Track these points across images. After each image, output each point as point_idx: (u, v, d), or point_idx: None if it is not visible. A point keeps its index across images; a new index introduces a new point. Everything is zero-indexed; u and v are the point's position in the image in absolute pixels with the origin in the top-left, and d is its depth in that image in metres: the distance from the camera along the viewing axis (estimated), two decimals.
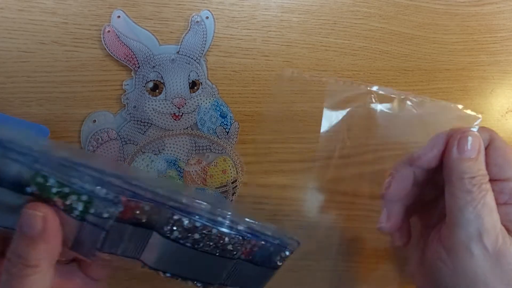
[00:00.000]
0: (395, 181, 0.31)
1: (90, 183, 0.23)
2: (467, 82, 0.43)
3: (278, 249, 0.29)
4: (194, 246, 0.26)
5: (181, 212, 0.25)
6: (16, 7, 0.39)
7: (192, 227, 0.25)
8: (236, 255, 0.27)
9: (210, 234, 0.26)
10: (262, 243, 0.28)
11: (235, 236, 0.26)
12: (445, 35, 0.44)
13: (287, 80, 0.40)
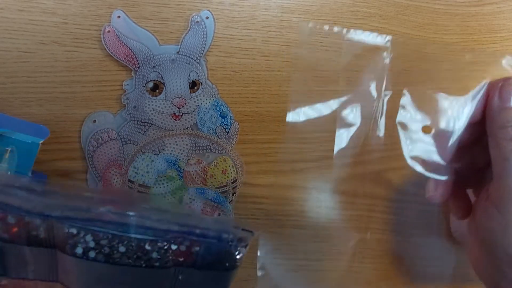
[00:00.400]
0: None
1: None
2: (467, 82, 0.43)
3: (223, 246, 0.24)
4: (109, 260, 0.22)
5: (79, 223, 0.22)
6: (16, 7, 0.39)
7: (96, 239, 0.22)
8: (169, 263, 0.23)
9: (122, 243, 0.22)
10: (198, 242, 0.24)
11: (156, 240, 0.22)
12: (445, 35, 0.44)
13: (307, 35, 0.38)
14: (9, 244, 0.22)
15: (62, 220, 0.22)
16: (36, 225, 0.22)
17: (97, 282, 0.23)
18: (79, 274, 0.23)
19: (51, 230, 0.22)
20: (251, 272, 0.39)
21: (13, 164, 0.35)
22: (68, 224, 0.22)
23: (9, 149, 0.35)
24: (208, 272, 0.25)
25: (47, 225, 0.22)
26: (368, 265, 0.40)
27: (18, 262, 0.22)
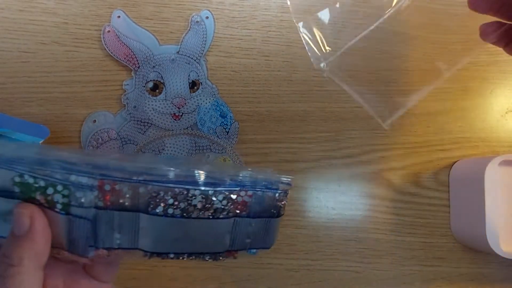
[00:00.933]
0: None
1: (62, 173, 0.22)
2: (467, 82, 0.43)
3: (271, 194, 0.27)
4: (183, 215, 0.24)
5: (158, 184, 0.24)
6: (17, 8, 0.39)
7: (174, 196, 0.24)
8: (231, 213, 0.26)
9: (194, 197, 0.24)
10: (251, 192, 0.26)
11: (221, 191, 0.25)
12: (445, 35, 0.44)
13: None
14: (102, 211, 0.23)
15: (148, 183, 0.24)
16: (124, 191, 0.24)
17: (173, 240, 0.25)
18: (158, 235, 0.25)
19: (136, 194, 0.24)
20: (251, 272, 0.39)
21: None
22: (152, 186, 0.24)
23: None
24: (259, 220, 0.27)
25: (133, 190, 0.24)
26: (368, 265, 0.40)
27: (106, 231, 0.24)
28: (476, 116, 0.43)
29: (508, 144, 0.43)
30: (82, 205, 0.23)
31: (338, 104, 0.42)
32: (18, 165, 0.22)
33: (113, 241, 0.24)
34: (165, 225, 0.25)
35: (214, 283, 0.38)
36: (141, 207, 0.24)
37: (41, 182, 0.22)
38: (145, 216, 0.24)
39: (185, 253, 0.26)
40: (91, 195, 0.23)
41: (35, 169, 0.22)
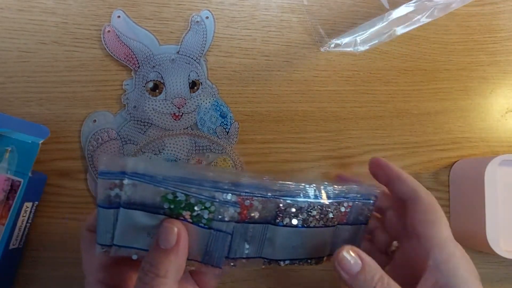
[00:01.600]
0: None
1: (209, 191, 0.25)
2: (467, 82, 0.43)
3: (364, 204, 0.31)
4: (303, 225, 0.28)
5: (287, 198, 0.27)
6: (16, 7, 0.39)
7: (298, 208, 0.27)
8: (335, 222, 0.29)
9: (314, 209, 0.28)
10: (351, 203, 0.29)
11: (332, 203, 0.28)
12: (445, 35, 0.44)
13: None
14: (239, 225, 0.26)
15: (278, 198, 0.27)
16: (258, 206, 0.26)
17: (291, 248, 0.28)
18: (280, 244, 0.27)
19: (266, 208, 0.27)
20: (251, 272, 0.39)
21: (13, 164, 0.35)
22: (281, 200, 0.27)
23: (9, 149, 0.35)
24: (354, 226, 0.30)
25: (264, 204, 0.26)
26: None
27: (239, 243, 0.27)
28: (476, 116, 0.43)
29: (508, 144, 0.43)
30: (224, 220, 0.25)
31: (338, 104, 0.42)
32: (167, 184, 0.24)
33: (243, 251, 0.27)
34: (288, 235, 0.27)
35: None
36: (270, 219, 0.27)
37: (191, 199, 0.24)
38: (272, 227, 0.27)
39: (297, 259, 0.29)
40: (233, 211, 0.25)
41: (183, 187, 0.24)
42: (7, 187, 0.34)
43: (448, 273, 0.26)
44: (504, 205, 0.38)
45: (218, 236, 0.25)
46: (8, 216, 0.34)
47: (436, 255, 0.27)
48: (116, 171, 0.24)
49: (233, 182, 0.25)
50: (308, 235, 0.28)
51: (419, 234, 0.29)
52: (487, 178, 0.36)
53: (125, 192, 0.24)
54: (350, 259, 0.26)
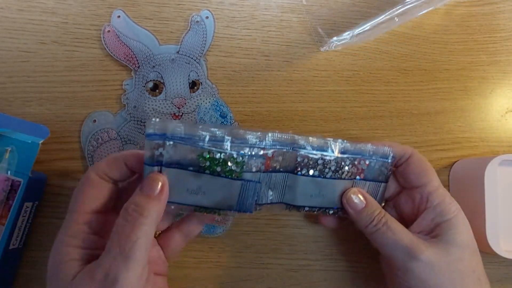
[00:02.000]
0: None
1: (238, 147, 0.28)
2: (467, 82, 0.43)
3: (383, 163, 0.34)
4: (320, 175, 0.32)
5: (303, 151, 0.31)
6: (16, 7, 0.39)
7: (315, 160, 0.31)
8: (352, 176, 0.33)
9: (330, 162, 0.32)
10: (368, 161, 0.33)
11: (348, 157, 0.32)
12: (445, 35, 0.44)
13: None
14: (264, 174, 0.30)
15: (298, 150, 0.31)
16: (279, 158, 0.30)
17: (309, 194, 0.32)
18: (299, 191, 0.32)
19: (287, 160, 0.31)
20: (251, 272, 0.39)
21: (13, 164, 0.35)
22: (300, 152, 0.31)
23: (9, 149, 0.35)
24: (372, 183, 0.34)
25: (285, 156, 0.31)
26: (368, 265, 0.40)
27: (264, 190, 0.31)
28: (476, 116, 0.43)
29: (508, 144, 0.43)
30: (252, 171, 0.29)
31: (338, 103, 0.42)
32: (203, 143, 0.28)
33: (267, 197, 0.31)
34: (305, 183, 0.32)
35: (214, 283, 0.38)
36: (290, 169, 0.31)
37: (224, 156, 0.28)
38: (292, 176, 0.31)
39: (316, 207, 0.33)
40: (259, 162, 0.29)
41: (216, 146, 0.28)
42: (7, 187, 0.34)
43: (442, 213, 0.32)
44: (504, 205, 0.38)
45: (249, 186, 0.29)
46: (8, 216, 0.34)
47: (434, 198, 0.32)
48: (160, 133, 0.27)
49: (258, 138, 0.29)
50: (324, 185, 0.32)
51: (415, 185, 0.33)
52: (487, 178, 0.37)
53: (167, 151, 0.27)
54: (355, 198, 0.32)
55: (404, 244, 0.30)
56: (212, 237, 0.39)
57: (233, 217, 0.32)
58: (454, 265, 0.30)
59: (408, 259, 0.30)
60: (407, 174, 0.34)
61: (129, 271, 0.24)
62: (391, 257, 0.31)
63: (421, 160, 0.34)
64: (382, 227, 0.31)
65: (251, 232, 0.39)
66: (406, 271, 0.30)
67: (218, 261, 0.39)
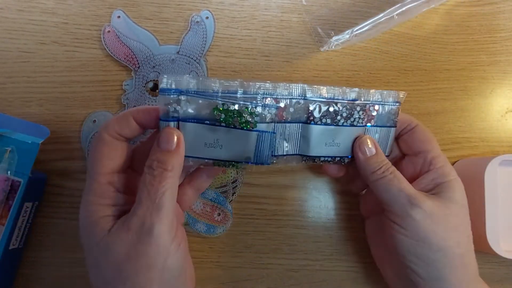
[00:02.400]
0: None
1: (251, 98, 0.29)
2: (467, 82, 0.43)
3: (391, 108, 0.34)
4: (333, 123, 0.32)
5: (314, 99, 0.31)
6: (16, 8, 0.39)
7: (326, 108, 0.31)
8: (363, 122, 0.33)
9: (341, 109, 0.32)
10: (377, 106, 0.33)
11: (359, 104, 0.32)
12: (445, 35, 0.44)
13: None
14: (278, 125, 0.30)
15: (307, 99, 0.31)
16: (290, 108, 0.31)
17: (324, 143, 0.32)
18: (313, 141, 0.32)
19: (299, 110, 0.31)
20: (251, 272, 0.39)
21: (13, 164, 0.35)
22: (311, 100, 0.31)
23: (9, 149, 0.35)
24: (383, 129, 0.34)
25: (296, 106, 0.31)
26: (368, 265, 0.40)
27: (279, 141, 0.31)
28: (476, 116, 0.43)
29: (508, 144, 0.43)
30: (266, 121, 0.29)
31: None
32: (216, 96, 0.28)
33: (283, 149, 0.31)
34: (319, 132, 0.32)
35: (214, 283, 0.38)
36: (303, 119, 0.31)
37: (238, 107, 0.28)
38: (305, 126, 0.31)
39: (330, 156, 0.33)
40: (272, 112, 0.30)
41: (230, 98, 0.28)
42: (7, 187, 0.34)
43: (444, 174, 0.33)
44: (504, 205, 0.38)
45: (264, 136, 0.29)
46: (8, 216, 0.34)
47: (437, 161, 0.34)
48: (174, 88, 0.28)
49: (270, 88, 0.30)
50: (337, 133, 0.32)
51: (420, 150, 0.34)
52: (487, 178, 0.37)
53: (181, 106, 0.28)
54: (367, 145, 0.33)
55: (407, 192, 0.31)
56: (212, 237, 0.39)
57: (250, 170, 0.33)
58: (450, 218, 0.31)
59: (410, 206, 0.31)
60: (412, 142, 0.35)
61: (162, 219, 0.26)
62: (391, 204, 0.32)
63: (426, 130, 0.35)
64: (390, 175, 0.32)
65: (251, 232, 0.39)
66: (405, 218, 0.31)
67: (218, 261, 0.39)
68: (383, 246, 0.36)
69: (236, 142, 0.29)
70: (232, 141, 0.29)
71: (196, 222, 0.38)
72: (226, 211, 0.39)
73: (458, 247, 0.31)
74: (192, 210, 0.38)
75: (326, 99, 0.31)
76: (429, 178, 0.33)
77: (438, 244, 0.30)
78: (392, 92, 0.34)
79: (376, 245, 0.38)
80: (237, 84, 0.29)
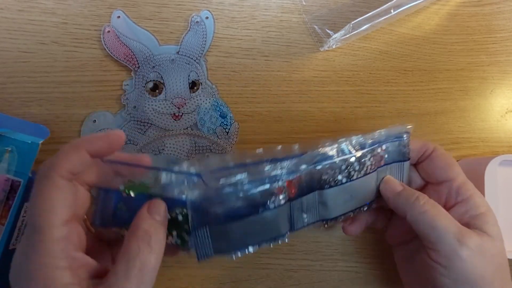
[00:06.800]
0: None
1: (260, 184, 0.27)
2: (467, 82, 0.43)
3: (399, 143, 0.33)
4: (348, 180, 0.30)
5: (323, 164, 0.30)
6: (16, 8, 0.39)
7: (338, 167, 0.30)
8: (374, 166, 0.32)
9: (352, 163, 0.30)
10: (384, 146, 0.32)
11: (368, 151, 0.31)
12: (445, 35, 0.44)
13: None
14: (293, 202, 0.29)
15: (317, 165, 0.29)
16: (303, 180, 0.29)
17: (342, 202, 0.31)
18: (332, 203, 0.31)
19: (311, 178, 0.30)
20: (250, 273, 0.39)
21: (13, 164, 0.35)
22: (320, 166, 0.30)
23: (9, 149, 0.35)
24: (394, 165, 0.33)
25: (308, 176, 0.29)
26: (367, 265, 0.40)
27: (298, 215, 0.30)
28: (476, 116, 0.43)
29: (508, 144, 0.43)
30: (280, 204, 0.27)
31: (338, 104, 0.42)
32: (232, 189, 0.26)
33: (303, 220, 0.30)
34: (336, 194, 0.30)
35: (214, 283, 0.38)
36: (316, 186, 0.30)
37: (257, 195, 0.26)
38: (321, 192, 0.30)
39: (351, 211, 0.32)
40: (284, 194, 0.28)
41: (247, 188, 0.26)
42: (7, 187, 0.34)
43: (476, 205, 0.31)
44: (504, 205, 0.38)
45: (279, 216, 0.28)
46: (8, 216, 0.34)
47: (464, 191, 0.32)
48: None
49: (272, 170, 0.28)
50: (354, 188, 0.31)
51: (442, 179, 0.33)
52: (487, 178, 0.37)
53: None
54: (391, 183, 0.32)
55: (454, 229, 0.28)
56: None
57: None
58: (497, 257, 0.29)
59: (458, 245, 0.28)
60: (432, 169, 0.33)
61: None
62: (437, 242, 0.29)
63: (445, 155, 0.33)
64: (432, 209, 0.29)
65: None
66: (451, 258, 0.28)
67: (218, 261, 0.39)
68: (414, 274, 0.33)
69: (259, 230, 0.28)
70: (256, 230, 0.28)
71: None
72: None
73: (503, 286, 0.29)
74: None
75: (334, 159, 0.30)
76: (461, 211, 0.31)
77: (483, 285, 0.28)
78: (398, 127, 0.33)
79: (406, 273, 0.35)
80: (243, 173, 0.27)
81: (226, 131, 0.40)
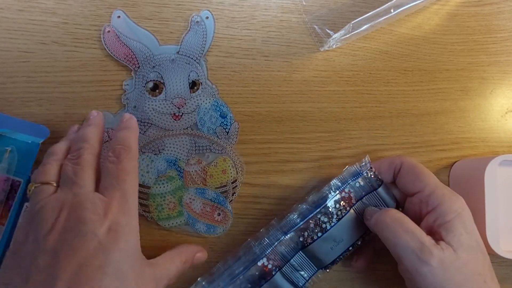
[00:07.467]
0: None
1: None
2: (467, 83, 0.43)
3: (363, 177, 0.35)
4: (325, 230, 0.34)
5: (298, 226, 0.34)
6: (16, 7, 0.39)
7: (314, 223, 0.34)
8: (347, 207, 0.34)
9: (325, 214, 0.34)
10: (347, 188, 0.35)
11: (330, 202, 0.34)
12: (445, 35, 0.44)
13: None
14: (284, 268, 0.33)
15: (291, 231, 0.34)
16: (284, 248, 0.34)
17: (330, 248, 0.34)
18: (320, 252, 0.34)
19: (292, 242, 0.34)
20: None
21: (13, 164, 0.35)
22: (295, 229, 0.34)
23: (9, 149, 0.35)
24: (367, 196, 0.35)
25: (285, 246, 0.34)
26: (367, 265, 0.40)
27: (297, 276, 0.34)
28: (476, 116, 0.43)
29: (508, 144, 0.43)
30: (272, 275, 0.33)
31: (338, 104, 0.42)
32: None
33: (302, 277, 0.34)
34: (321, 245, 0.34)
35: None
36: (300, 246, 0.34)
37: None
38: (305, 250, 0.34)
39: (344, 252, 0.34)
40: (270, 266, 0.33)
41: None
42: (7, 187, 0.34)
43: (443, 214, 0.31)
44: (504, 205, 0.38)
45: (281, 281, 0.33)
46: (8, 216, 0.34)
47: (432, 200, 0.32)
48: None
49: (253, 257, 0.34)
50: (333, 234, 0.34)
51: (413, 191, 0.34)
52: (487, 178, 0.37)
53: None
54: (367, 210, 0.34)
55: (414, 245, 0.30)
56: (212, 237, 0.39)
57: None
58: (464, 269, 0.30)
59: (417, 261, 0.30)
60: (403, 183, 0.35)
61: None
62: (398, 258, 0.31)
63: (412, 167, 0.34)
64: (392, 224, 0.31)
65: (251, 232, 0.39)
66: (414, 273, 0.30)
67: (219, 261, 0.39)
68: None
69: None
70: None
71: (196, 222, 0.38)
72: (226, 211, 0.39)
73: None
74: (192, 210, 0.38)
75: (306, 218, 0.34)
76: (431, 220, 0.32)
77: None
78: (353, 167, 0.35)
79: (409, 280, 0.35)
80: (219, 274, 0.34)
81: (226, 131, 0.40)
